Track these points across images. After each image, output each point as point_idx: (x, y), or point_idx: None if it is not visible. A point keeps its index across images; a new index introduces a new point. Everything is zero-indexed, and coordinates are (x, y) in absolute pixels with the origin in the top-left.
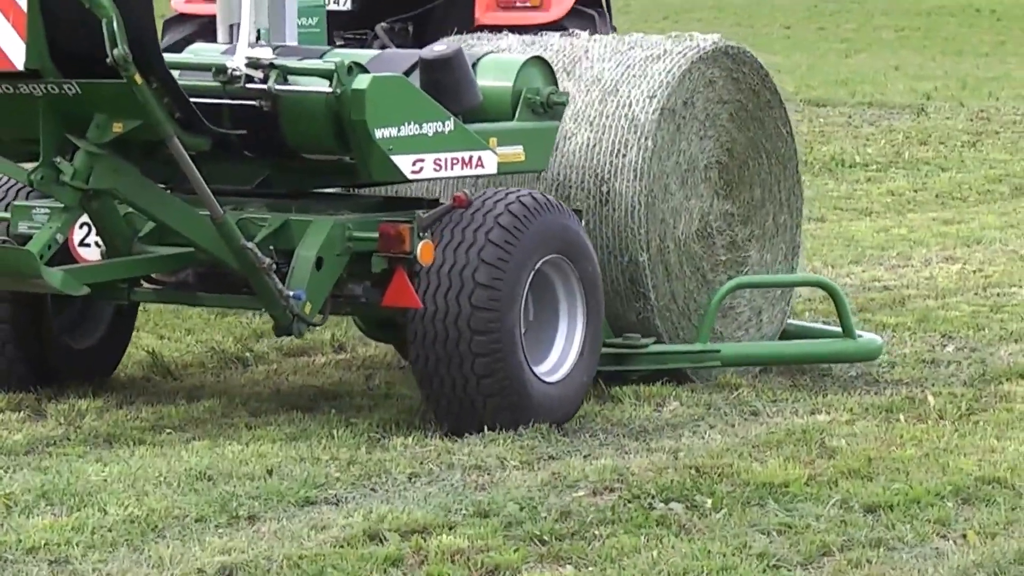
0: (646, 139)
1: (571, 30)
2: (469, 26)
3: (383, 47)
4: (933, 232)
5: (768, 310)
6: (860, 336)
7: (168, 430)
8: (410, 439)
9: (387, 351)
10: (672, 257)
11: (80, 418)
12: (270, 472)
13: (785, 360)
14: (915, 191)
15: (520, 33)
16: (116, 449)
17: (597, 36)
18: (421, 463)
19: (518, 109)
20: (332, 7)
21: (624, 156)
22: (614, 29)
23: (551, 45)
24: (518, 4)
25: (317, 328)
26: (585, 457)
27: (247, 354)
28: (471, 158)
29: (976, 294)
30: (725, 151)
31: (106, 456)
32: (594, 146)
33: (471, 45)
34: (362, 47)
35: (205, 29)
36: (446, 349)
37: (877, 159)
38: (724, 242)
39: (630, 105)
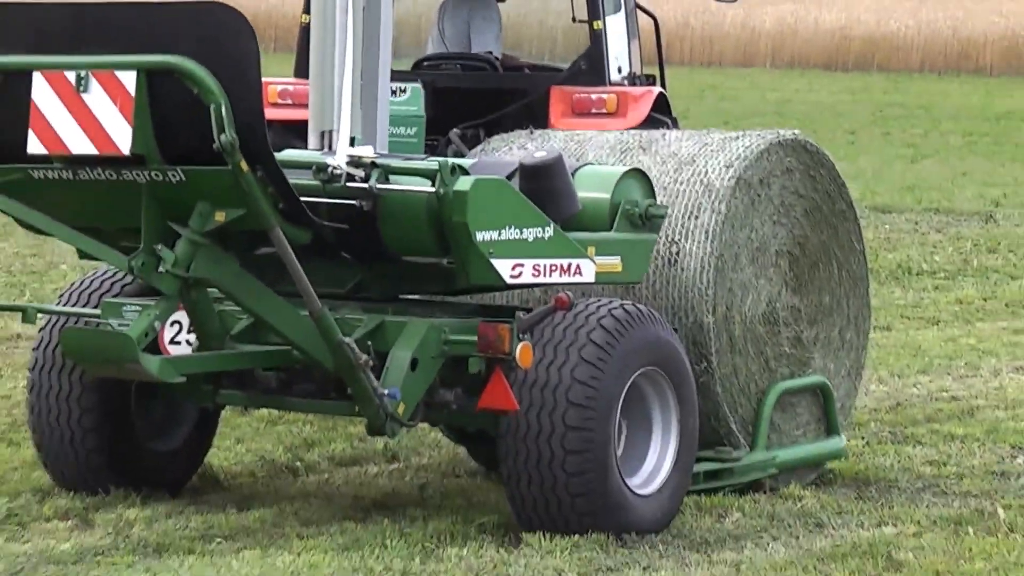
0: (720, 203)
1: None
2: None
3: (457, 154)
4: (1003, 342)
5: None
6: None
7: (218, 539)
8: (465, 550)
9: (441, 460)
10: (737, 330)
11: (128, 527)
12: None
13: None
14: (984, 300)
15: None
16: (165, 559)
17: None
18: (476, 574)
19: (616, 220)
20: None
21: (697, 218)
22: None
23: (630, 131)
24: (594, 111)
25: (407, 429)
26: (644, 569)
27: (297, 463)
28: (569, 266)
29: None
30: (797, 244)
31: (155, 566)
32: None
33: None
34: (434, 153)
35: (287, 136)
36: (540, 460)
37: (945, 267)
38: (789, 335)
39: (706, 173)
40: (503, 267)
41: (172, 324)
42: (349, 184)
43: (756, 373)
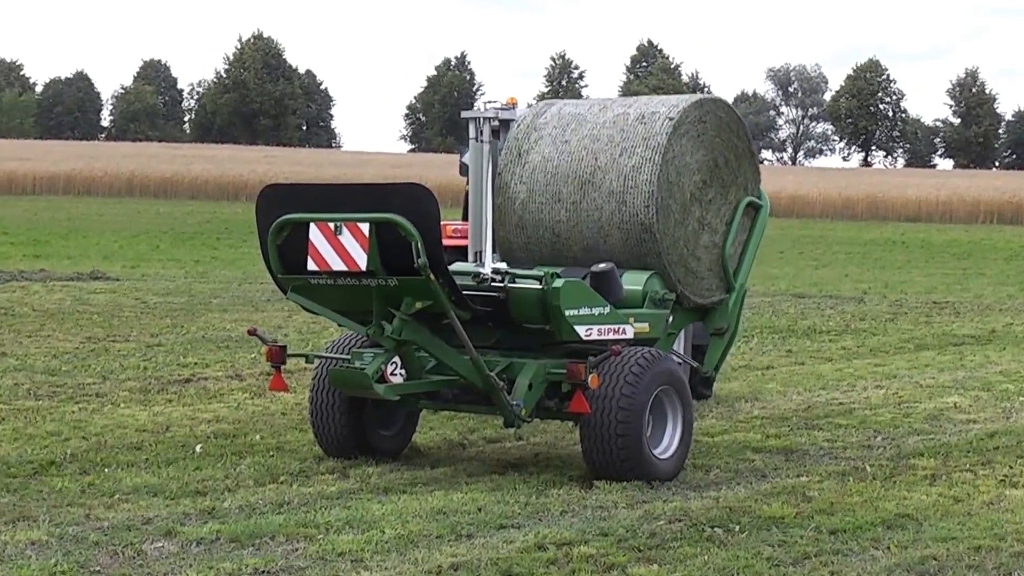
0: (654, 231)
1: None
2: None
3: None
4: (868, 371)
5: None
6: None
7: (420, 484)
8: (561, 490)
9: (546, 439)
10: (692, 265)
11: (368, 478)
12: (480, 509)
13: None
14: (857, 347)
15: None
16: (389, 495)
17: (608, 132)
18: (568, 503)
19: (645, 302)
20: None
21: (646, 244)
22: None
23: (582, 159)
24: None
25: (526, 423)
26: (664, 501)
27: (465, 441)
28: (618, 329)
29: (895, 407)
30: (696, 172)
31: (383, 500)
32: (626, 241)
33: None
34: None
35: (456, 255)
36: (603, 440)
37: (835, 328)
38: (712, 211)
39: (636, 212)
40: (581, 330)
41: (391, 364)
42: (493, 284)
43: (709, 262)
